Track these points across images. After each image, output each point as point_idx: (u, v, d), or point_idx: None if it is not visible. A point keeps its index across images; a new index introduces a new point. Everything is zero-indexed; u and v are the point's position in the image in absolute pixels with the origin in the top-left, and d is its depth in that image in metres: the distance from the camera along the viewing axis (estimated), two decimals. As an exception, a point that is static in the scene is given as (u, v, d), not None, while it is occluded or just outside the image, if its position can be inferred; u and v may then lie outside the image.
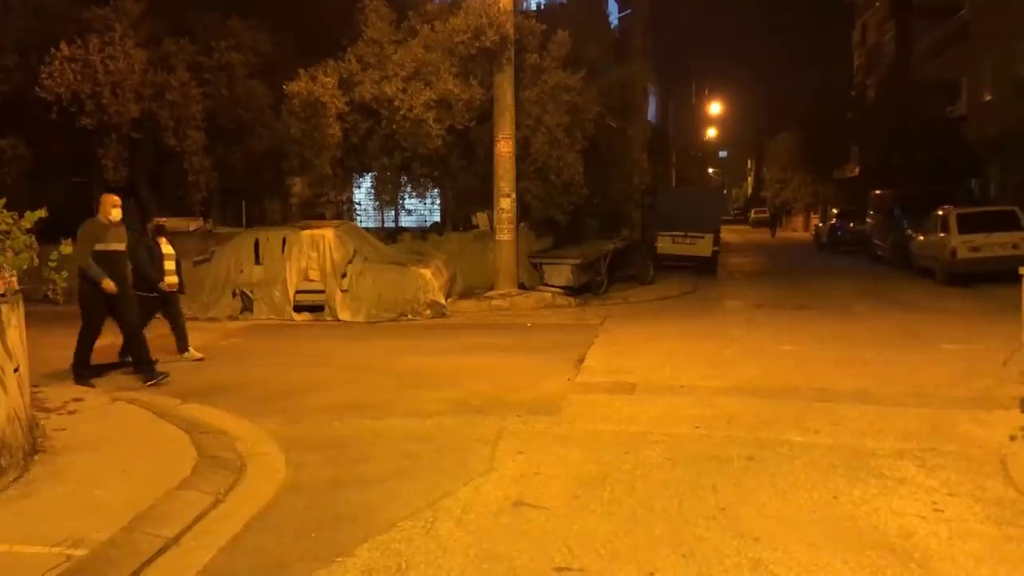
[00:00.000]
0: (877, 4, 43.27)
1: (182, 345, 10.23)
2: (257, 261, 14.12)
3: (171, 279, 10.06)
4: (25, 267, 5.64)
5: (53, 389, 7.95)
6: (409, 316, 13.74)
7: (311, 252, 13.99)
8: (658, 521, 4.69)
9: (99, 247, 8.42)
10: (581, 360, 9.74)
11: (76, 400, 7.55)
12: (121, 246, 8.71)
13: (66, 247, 6.05)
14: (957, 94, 31.04)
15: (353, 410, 7.51)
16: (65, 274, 6.07)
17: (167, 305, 10.13)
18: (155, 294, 9.77)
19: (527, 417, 7.05)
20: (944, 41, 31.77)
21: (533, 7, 22.56)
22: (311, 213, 17.89)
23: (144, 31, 14.83)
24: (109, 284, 8.36)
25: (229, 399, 7.96)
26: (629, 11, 31.51)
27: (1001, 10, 25.84)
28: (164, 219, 10.68)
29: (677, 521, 4.70)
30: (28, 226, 5.68)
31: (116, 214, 8.62)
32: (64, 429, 6.55)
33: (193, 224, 16.94)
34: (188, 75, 14.92)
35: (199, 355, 10.21)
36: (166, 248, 10.14)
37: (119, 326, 8.91)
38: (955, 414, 7.04)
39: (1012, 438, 6.12)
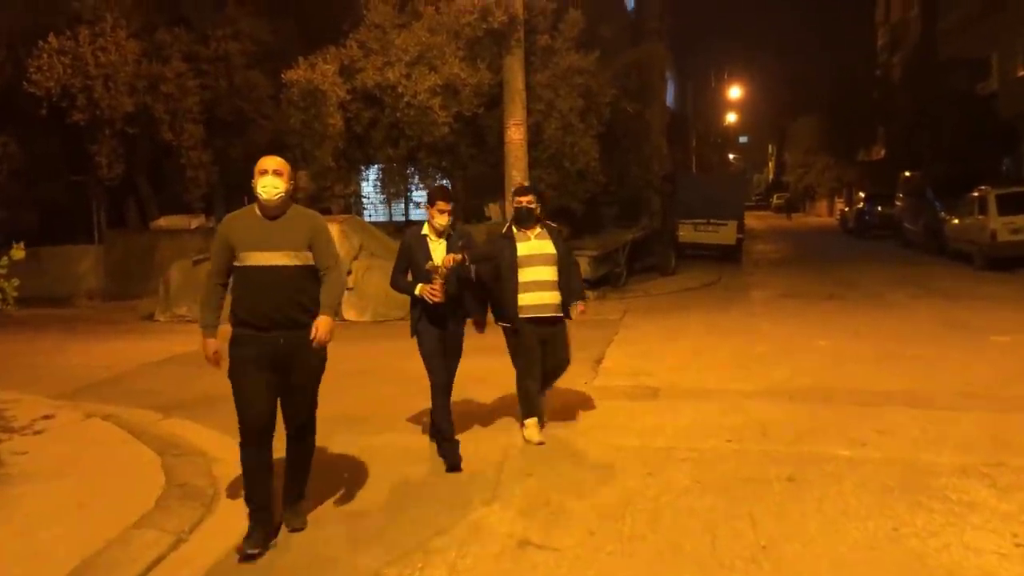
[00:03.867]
0: (900, -19, 42.04)
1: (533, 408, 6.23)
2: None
3: (532, 298, 5.98)
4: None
5: (24, 405, 7.34)
6: (418, 314, 13.05)
7: (315, 248, 13.33)
8: (687, 564, 3.97)
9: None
10: (599, 360, 9.04)
11: (46, 418, 6.92)
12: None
13: (17, 251, 5.40)
14: (986, 70, 29.89)
15: (349, 424, 6.82)
16: (16, 282, 5.42)
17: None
18: (508, 324, 6.13)
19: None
20: (973, 16, 30.61)
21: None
22: (317, 208, 17.25)
23: (137, 21, 14.19)
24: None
25: (216, 413, 7.26)
26: (645, -7, 30.62)
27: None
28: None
29: (710, 563, 3.98)
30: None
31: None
32: (26, 452, 5.93)
33: (195, 221, 16.34)
34: (184, 66, 14.28)
35: (538, 435, 6.06)
36: (536, 244, 6.08)
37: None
38: (1018, 419, 6.29)
39: (1093, 450, 5.35)
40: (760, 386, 7.74)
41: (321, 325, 4.49)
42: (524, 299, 5.98)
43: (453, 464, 5.51)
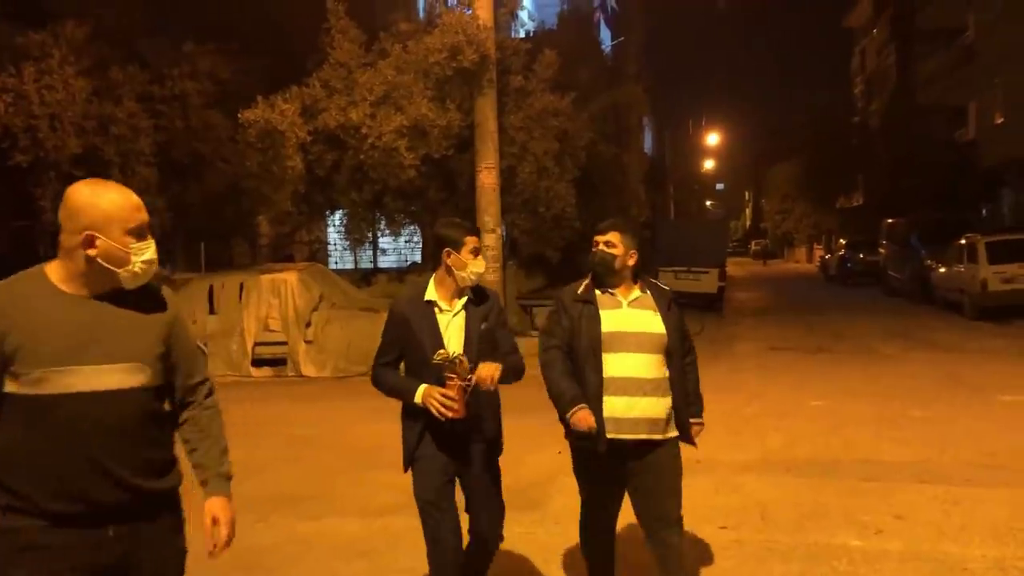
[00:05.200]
0: (875, 31, 42.35)
1: None
2: (212, 310, 12.62)
3: (620, 406, 3.54)
4: None
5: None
6: (381, 369, 12.20)
7: (272, 299, 12.49)
8: None
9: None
10: (574, 425, 8.19)
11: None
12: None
13: None
14: (963, 118, 29.82)
15: (286, 504, 5.95)
16: None
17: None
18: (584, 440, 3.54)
19: (502, 515, 5.47)
20: (949, 65, 30.59)
21: (521, 35, 21.33)
22: (280, 255, 16.40)
23: (88, 58, 13.35)
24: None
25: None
26: (622, 39, 30.39)
27: (1010, 30, 24.58)
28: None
29: None
30: None
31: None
32: None
33: (150, 270, 15.38)
34: (137, 106, 13.45)
35: None
36: (628, 316, 3.71)
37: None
38: (1052, 499, 5.51)
39: None
40: (754, 456, 6.95)
41: (220, 512, 2.47)
42: (609, 406, 3.52)
43: None
